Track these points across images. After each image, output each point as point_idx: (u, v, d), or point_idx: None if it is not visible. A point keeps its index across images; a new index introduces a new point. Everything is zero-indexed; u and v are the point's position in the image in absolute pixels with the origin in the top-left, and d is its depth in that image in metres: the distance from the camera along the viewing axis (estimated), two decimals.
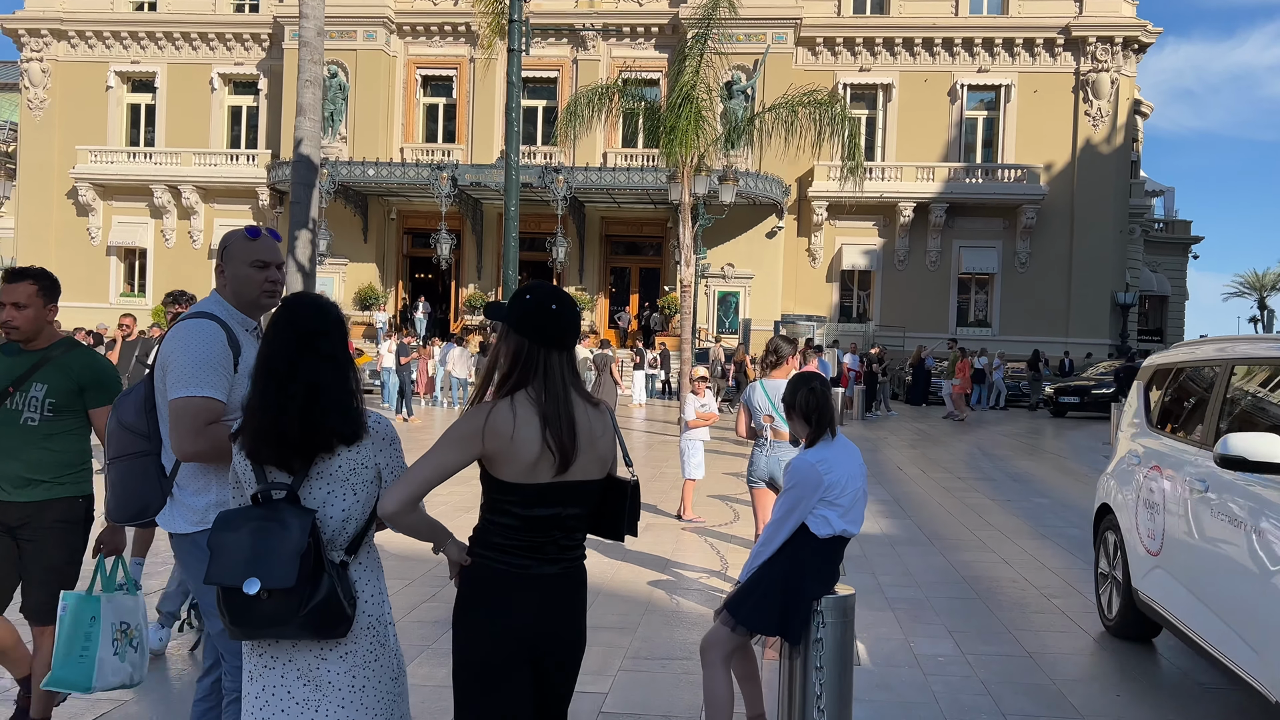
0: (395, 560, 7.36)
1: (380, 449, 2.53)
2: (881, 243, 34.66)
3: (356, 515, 2.51)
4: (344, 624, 2.43)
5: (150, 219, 35.75)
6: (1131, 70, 33.90)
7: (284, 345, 2.47)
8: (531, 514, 2.47)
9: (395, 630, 2.64)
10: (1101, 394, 25.15)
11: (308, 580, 2.35)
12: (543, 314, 2.50)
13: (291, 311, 2.51)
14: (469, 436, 2.43)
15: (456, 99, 34.88)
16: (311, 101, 9.27)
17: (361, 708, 2.50)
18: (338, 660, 2.48)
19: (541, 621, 2.52)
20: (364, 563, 2.56)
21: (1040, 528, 9.56)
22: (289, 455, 2.43)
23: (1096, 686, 5.02)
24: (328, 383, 2.45)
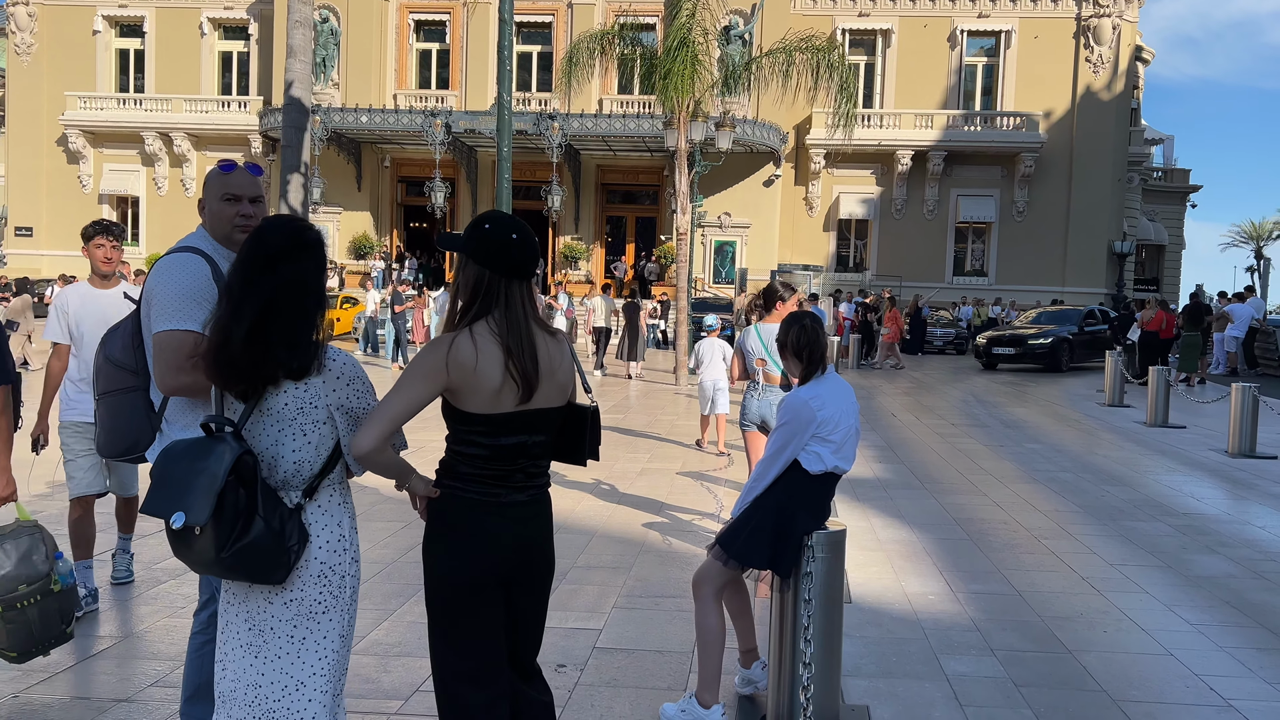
0: (392, 504, 7.43)
1: (334, 388, 2.40)
2: (879, 191, 34.46)
3: (310, 458, 2.41)
4: (279, 570, 2.33)
5: (142, 166, 35.42)
6: (1134, 16, 33.45)
7: (244, 265, 2.37)
8: (498, 443, 2.49)
9: (356, 587, 2.52)
10: (1039, 345, 22.49)
11: (234, 520, 2.26)
12: (501, 243, 2.49)
13: (260, 233, 2.41)
14: (433, 370, 2.43)
15: (450, 44, 34.37)
16: (302, 43, 9.13)
17: (299, 660, 2.40)
18: (282, 607, 2.40)
19: (512, 547, 2.56)
20: (325, 507, 2.45)
21: (1032, 472, 9.64)
22: (234, 380, 2.34)
23: (1083, 623, 5.10)
24: (282, 308, 2.33)
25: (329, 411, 2.41)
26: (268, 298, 2.33)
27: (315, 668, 2.42)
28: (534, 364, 2.48)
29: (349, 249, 33.39)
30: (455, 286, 2.55)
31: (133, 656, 4.33)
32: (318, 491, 2.44)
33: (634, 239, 35.18)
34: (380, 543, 6.38)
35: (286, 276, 2.35)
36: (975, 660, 4.55)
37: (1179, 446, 11.64)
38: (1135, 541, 6.89)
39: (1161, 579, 5.96)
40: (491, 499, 2.52)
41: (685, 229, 18.82)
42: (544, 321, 2.59)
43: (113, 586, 5.29)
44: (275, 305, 2.33)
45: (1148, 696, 4.16)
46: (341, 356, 2.44)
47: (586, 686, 4.14)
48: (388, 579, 5.61)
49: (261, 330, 2.31)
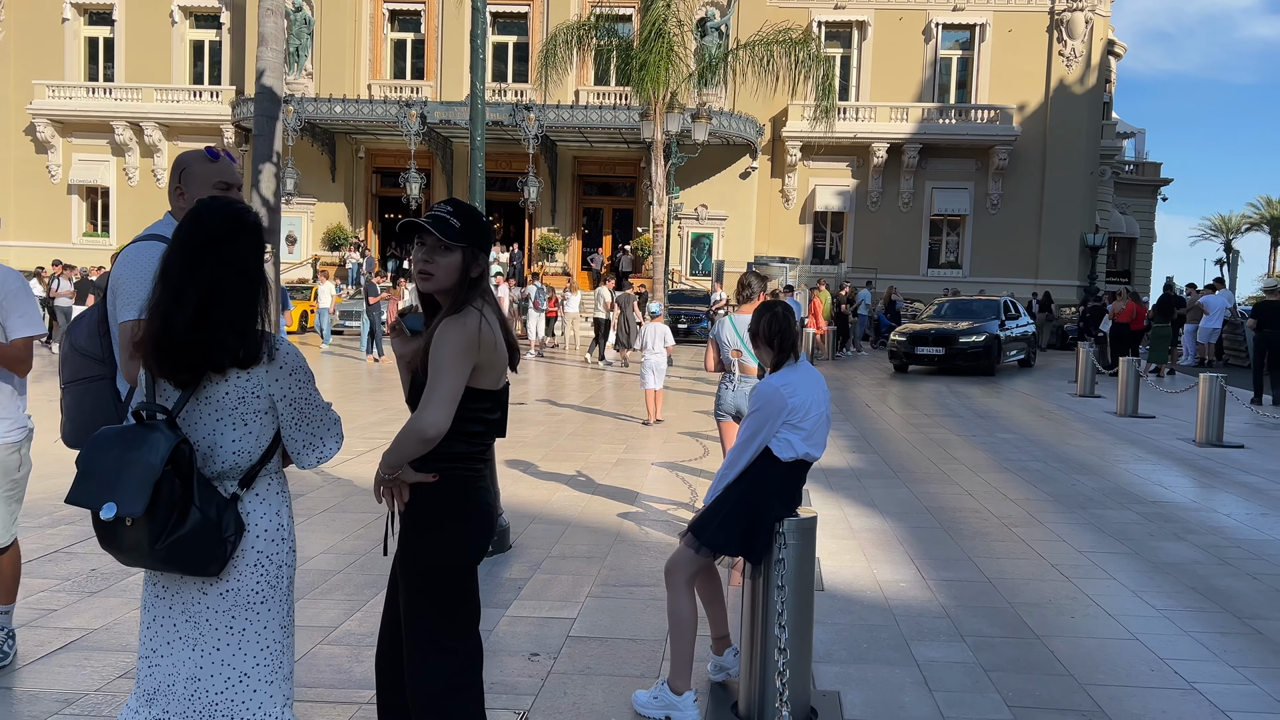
0: (366, 495, 7.40)
1: (277, 378, 2.34)
2: (855, 184, 34.60)
3: (250, 448, 2.36)
4: (215, 562, 2.29)
5: (112, 156, 34.96)
6: (1106, 10, 33.72)
7: (184, 248, 2.30)
8: (495, 418, 2.65)
9: (293, 576, 2.50)
10: (974, 344, 18.98)
11: (169, 511, 2.21)
12: (491, 233, 2.69)
13: (198, 215, 2.34)
14: (469, 348, 2.51)
15: (425, 34, 34.13)
16: (274, 31, 9.06)
17: (239, 651, 2.37)
18: (218, 598, 2.36)
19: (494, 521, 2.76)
20: (263, 496, 2.42)
21: (1004, 462, 9.73)
22: (177, 368, 2.28)
23: (1052, 609, 5.16)
24: (226, 292, 2.27)
25: (270, 401, 2.36)
26: (212, 281, 2.26)
27: (257, 658, 2.39)
28: (515, 343, 2.67)
29: (323, 240, 33.15)
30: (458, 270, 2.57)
31: (101, 649, 4.29)
32: (255, 481, 2.39)
33: (611, 231, 35.13)
34: (354, 534, 6.36)
35: (229, 259, 2.29)
36: (945, 646, 4.60)
37: (1148, 436, 11.79)
38: (1104, 529, 6.98)
39: (1129, 565, 6.04)
40: (481, 477, 2.64)
41: (662, 221, 18.85)
42: None
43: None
44: (220, 289, 2.27)
45: (1113, 680, 4.22)
46: (285, 346, 2.39)
47: (560, 675, 4.15)
48: (361, 570, 5.58)
49: (207, 316, 2.25)
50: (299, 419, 2.40)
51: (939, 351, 19.10)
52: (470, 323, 2.50)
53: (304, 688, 3.95)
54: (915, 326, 20.16)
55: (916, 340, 19.35)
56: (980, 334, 19.14)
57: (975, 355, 18.98)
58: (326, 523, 6.63)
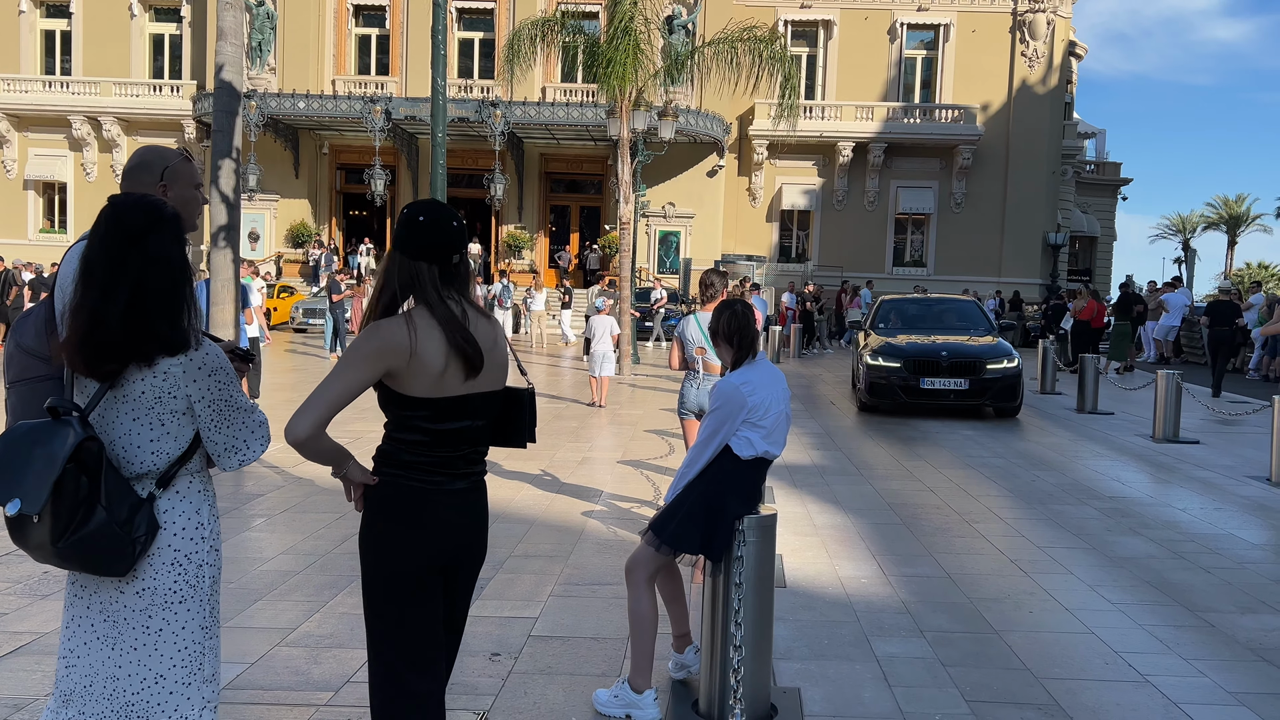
0: (327, 495, 7.34)
1: (195, 379, 2.30)
2: (821, 183, 34.79)
3: (168, 449, 2.33)
4: (122, 563, 2.25)
5: (70, 151, 34.35)
6: (1067, 11, 34.17)
7: (106, 244, 2.28)
8: (442, 428, 2.49)
9: (217, 576, 2.44)
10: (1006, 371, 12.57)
11: (73, 509, 2.17)
12: (412, 226, 2.48)
13: (116, 210, 2.32)
14: (370, 355, 2.42)
15: (390, 30, 33.84)
16: (233, 25, 8.94)
17: (155, 652, 2.33)
18: (134, 597, 2.32)
19: (454, 534, 2.56)
20: (183, 494, 2.37)
21: (966, 458, 9.83)
22: (104, 360, 2.24)
23: (1010, 604, 5.22)
24: (153, 283, 2.26)
25: (188, 402, 2.32)
26: (138, 276, 2.25)
27: (174, 659, 2.34)
28: (474, 345, 2.47)
29: (286, 237, 32.80)
30: (380, 276, 2.53)
31: (53, 653, 4.21)
32: (174, 480, 2.36)
33: (578, 228, 35.06)
34: (314, 534, 6.29)
35: (152, 253, 2.28)
36: (905, 641, 4.64)
37: (1107, 432, 11.96)
38: (1062, 524, 7.07)
39: (1086, 560, 6.13)
40: (434, 486, 2.51)
41: (628, 218, 18.82)
42: (477, 304, 2.59)
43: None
44: (146, 283, 2.26)
45: (1069, 674, 4.28)
46: (207, 346, 2.36)
47: (521, 674, 4.14)
48: (320, 571, 5.53)
49: (138, 308, 2.24)
50: (219, 421, 2.36)
51: (959, 385, 12.52)
52: (384, 328, 2.43)
53: (261, 690, 3.91)
54: (907, 343, 13.08)
55: (922, 367, 12.59)
56: (1007, 357, 12.76)
57: (1007, 389, 12.67)
58: (287, 523, 6.57)
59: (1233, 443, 11.22)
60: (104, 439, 2.31)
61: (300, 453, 2.44)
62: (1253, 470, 9.38)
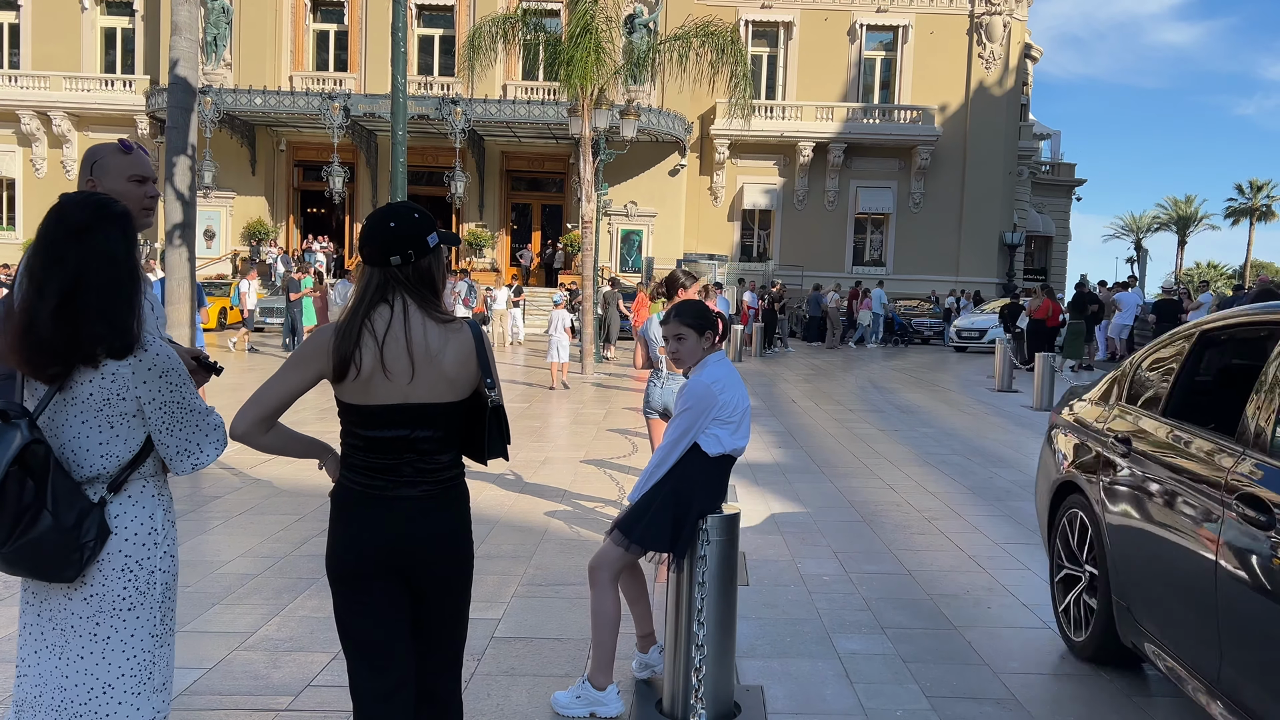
0: (288, 497, 7.26)
1: (145, 379, 2.26)
2: (782, 182, 35.00)
3: (119, 452, 2.29)
4: (70, 569, 2.20)
5: (18, 147, 33.60)
6: (1023, 14, 34.66)
7: (47, 240, 2.23)
8: (375, 435, 2.44)
9: (171, 582, 2.40)
10: None
11: (17, 513, 2.13)
12: (378, 230, 2.47)
13: (60, 209, 2.27)
14: (306, 357, 2.44)
15: (349, 26, 33.50)
16: (187, 19, 8.80)
17: (103, 661, 2.27)
18: (82, 603, 2.27)
19: (405, 543, 2.49)
20: (135, 498, 2.33)
21: (925, 455, 9.94)
22: (44, 363, 2.19)
23: (969, 600, 5.29)
24: (93, 281, 2.20)
25: (138, 404, 2.28)
26: (76, 273, 2.19)
27: (123, 668, 2.28)
28: (407, 354, 2.41)
29: (243, 235, 32.34)
30: None
31: (7, 660, 4.12)
32: (126, 484, 2.32)
33: (540, 227, 34.96)
34: (273, 536, 6.21)
35: (93, 248, 2.22)
36: (866, 638, 4.68)
37: None
38: (1020, 521, 7.18)
39: (1043, 556, 6.20)
40: (375, 492, 2.47)
41: (590, 217, 18.80)
42: (438, 311, 2.50)
43: None
44: (85, 280, 2.20)
45: (1026, 668, 4.34)
46: (157, 347, 2.31)
47: (483, 676, 4.11)
48: (280, 573, 5.46)
49: (71, 306, 2.18)
50: (170, 424, 2.32)
51: None
52: (318, 333, 2.47)
53: (220, 695, 3.85)
54: None
55: None
56: None
57: None
58: (244, 525, 6.48)
59: None
60: (53, 442, 2.26)
61: (252, 446, 2.45)
62: None
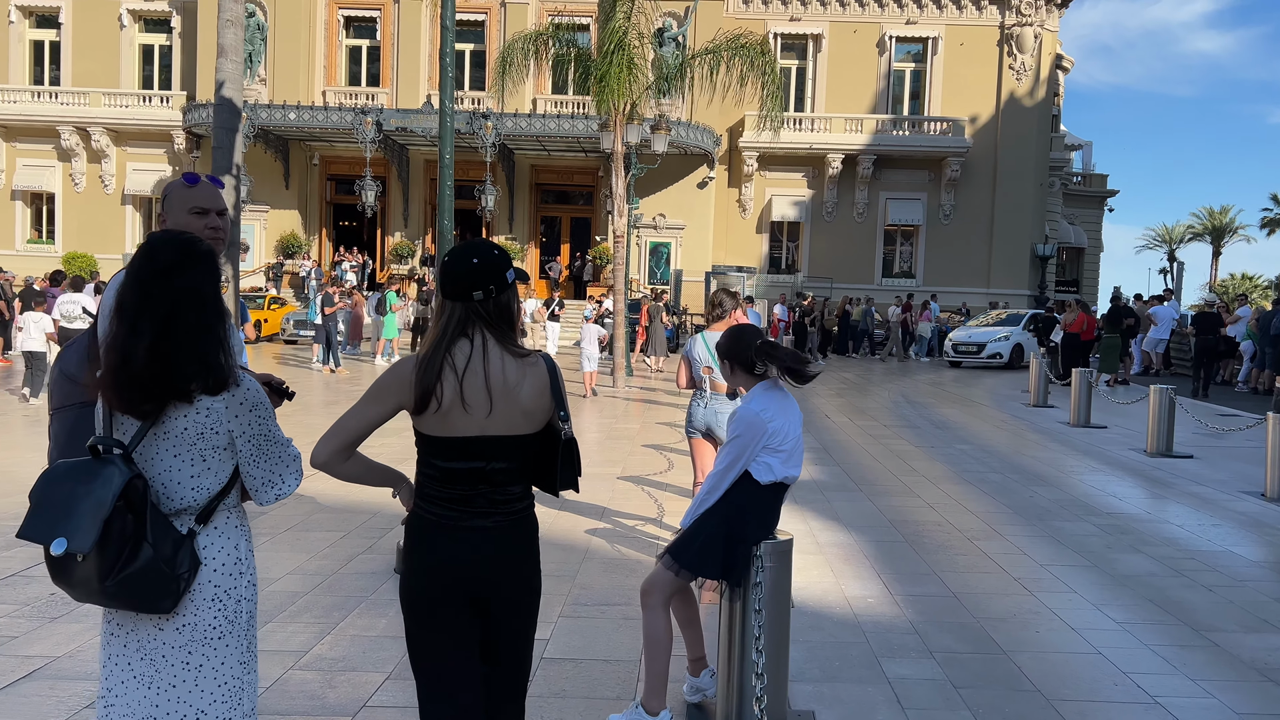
0: (331, 513, 7.33)
1: (237, 414, 2.32)
2: (810, 194, 34.96)
3: (209, 484, 2.34)
4: (167, 599, 2.25)
5: (58, 162, 34.22)
6: (1054, 25, 34.48)
7: (137, 279, 2.29)
8: (451, 467, 2.50)
9: (254, 611, 2.46)
10: None
11: (119, 548, 2.17)
12: (461, 268, 2.54)
13: (150, 246, 2.34)
14: (385, 388, 2.51)
15: (381, 41, 33.90)
16: (233, 42, 8.94)
17: (196, 689, 2.32)
18: (174, 633, 2.31)
19: (477, 572, 2.54)
20: (221, 530, 2.38)
21: (962, 473, 9.89)
22: (138, 399, 2.24)
23: (1016, 624, 5.26)
24: (184, 319, 2.26)
25: (229, 438, 2.34)
26: (166, 312, 2.25)
27: (214, 695, 2.34)
28: (486, 388, 2.47)
29: (276, 247, 32.72)
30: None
31: (66, 677, 4.20)
32: (213, 516, 2.37)
33: (569, 239, 35.12)
34: (319, 553, 6.29)
35: (182, 288, 2.28)
36: (915, 662, 4.67)
37: (1101, 446, 12.05)
38: (1063, 541, 7.12)
39: (1089, 578, 6.18)
40: (448, 522, 2.52)
41: (622, 232, 18.87)
42: (515, 345, 2.57)
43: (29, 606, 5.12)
44: (176, 319, 2.25)
45: (1080, 695, 4.31)
46: (247, 381, 2.37)
47: (535, 698, 4.14)
48: (328, 591, 5.53)
49: (166, 344, 2.24)
50: (257, 456, 2.38)
51: None
52: (399, 364, 2.54)
53: (279, 715, 3.90)
54: None
55: None
56: None
57: None
58: (290, 542, 6.55)
59: (1226, 457, 11.31)
60: (145, 475, 2.31)
61: (328, 472, 2.52)
62: (1247, 485, 9.47)
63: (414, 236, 33.70)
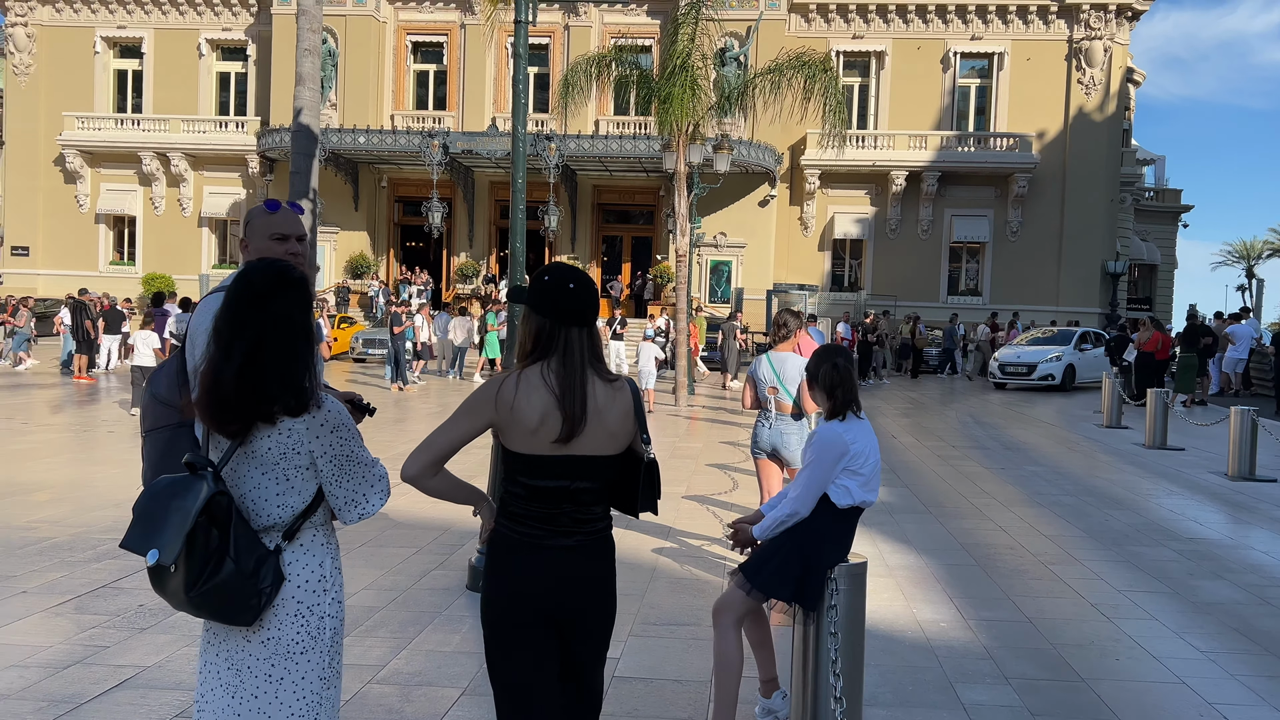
0: (404, 529, 7.46)
1: (318, 435, 2.39)
2: (874, 211, 34.68)
3: (293, 503, 2.42)
4: (248, 613, 2.34)
5: (139, 186, 35.48)
6: (1125, 38, 33.81)
7: (231, 305, 2.40)
8: (536, 484, 2.55)
9: (339, 628, 2.51)
10: None
11: (204, 561, 2.27)
12: (559, 292, 2.59)
13: (245, 275, 2.45)
14: (477, 405, 2.56)
15: (447, 65, 34.57)
16: (310, 71, 9.23)
17: (276, 701, 2.39)
18: (259, 645, 2.39)
19: (558, 591, 2.58)
20: (306, 546, 2.45)
21: (1034, 495, 9.70)
22: (226, 419, 2.35)
23: (1095, 651, 5.15)
24: (272, 344, 2.35)
25: (311, 458, 2.41)
26: (257, 336, 2.35)
27: (293, 708, 2.40)
28: (581, 407, 2.52)
29: (346, 268, 33.45)
30: (520, 333, 2.66)
31: (156, 687, 4.34)
32: (299, 533, 2.45)
33: (629, 258, 35.32)
34: (393, 569, 6.40)
35: (274, 314, 2.37)
36: (991, 689, 4.60)
37: (1179, 469, 11.71)
38: (1141, 567, 6.95)
39: (1169, 605, 6.02)
40: (533, 541, 2.56)
41: (684, 251, 18.93)
42: (604, 369, 2.63)
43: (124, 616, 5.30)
44: (265, 343, 2.35)
45: None
46: (329, 404, 2.45)
47: (608, 716, 4.16)
48: (403, 607, 5.63)
49: (253, 368, 2.33)
50: (340, 476, 2.44)
51: None
52: (491, 382, 2.58)
53: None
54: None
55: None
56: None
57: None
58: (365, 558, 6.69)
59: None
60: (234, 492, 2.41)
61: (416, 486, 2.58)
62: None
63: (478, 256, 34.18)
